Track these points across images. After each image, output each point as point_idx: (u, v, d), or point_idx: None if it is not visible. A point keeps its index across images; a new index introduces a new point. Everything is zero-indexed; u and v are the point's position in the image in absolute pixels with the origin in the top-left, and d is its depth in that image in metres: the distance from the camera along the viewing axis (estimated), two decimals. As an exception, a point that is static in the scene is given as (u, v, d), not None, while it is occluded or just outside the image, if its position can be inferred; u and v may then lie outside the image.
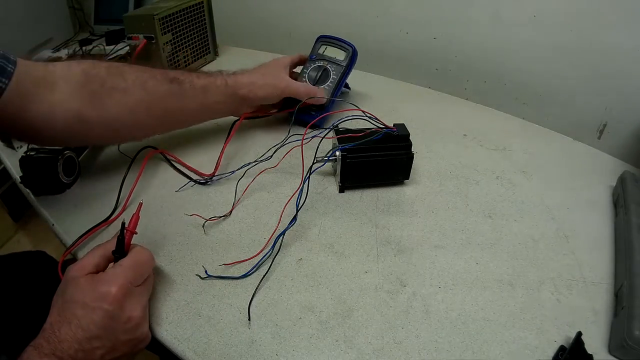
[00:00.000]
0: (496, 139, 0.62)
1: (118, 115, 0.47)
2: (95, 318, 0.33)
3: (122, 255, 0.38)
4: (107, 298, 0.34)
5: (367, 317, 0.38)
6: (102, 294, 0.34)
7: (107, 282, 0.35)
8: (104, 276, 0.36)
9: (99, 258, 0.38)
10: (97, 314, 0.33)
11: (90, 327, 0.33)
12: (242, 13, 1.06)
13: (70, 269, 0.37)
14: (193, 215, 0.47)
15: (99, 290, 0.34)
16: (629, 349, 0.33)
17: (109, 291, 0.34)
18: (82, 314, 0.33)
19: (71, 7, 1.17)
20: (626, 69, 0.63)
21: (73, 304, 0.34)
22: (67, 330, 0.32)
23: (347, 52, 0.64)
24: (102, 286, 0.34)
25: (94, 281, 0.35)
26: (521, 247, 0.45)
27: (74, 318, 0.33)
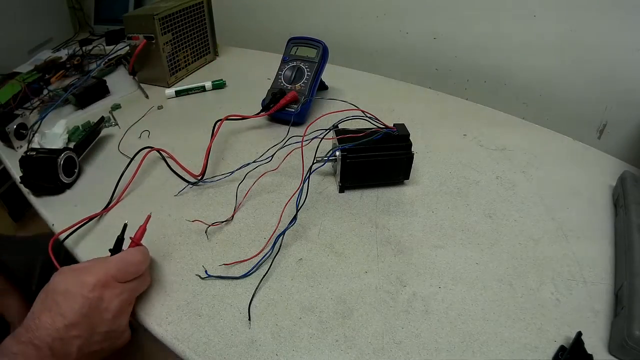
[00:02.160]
0: (496, 139, 0.62)
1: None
2: (74, 305, 0.34)
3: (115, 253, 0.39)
4: (86, 285, 0.35)
5: (367, 317, 0.38)
6: (82, 282, 0.35)
7: (88, 272, 0.36)
8: (86, 265, 0.37)
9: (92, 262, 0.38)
10: (77, 301, 0.34)
11: (69, 314, 0.33)
12: (242, 13, 1.06)
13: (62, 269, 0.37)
14: (195, 221, 0.47)
15: (80, 278, 0.35)
16: (629, 349, 0.33)
17: (89, 280, 0.35)
18: (62, 300, 0.34)
19: (71, 7, 1.17)
20: (626, 69, 0.63)
21: (55, 292, 0.34)
22: (46, 317, 0.33)
23: (318, 49, 0.67)
24: (83, 275, 0.35)
25: (77, 270, 0.36)
26: (521, 247, 0.45)
27: (54, 305, 0.34)
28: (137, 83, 0.82)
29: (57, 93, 0.77)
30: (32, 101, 0.76)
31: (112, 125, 0.69)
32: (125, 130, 0.66)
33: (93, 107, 0.75)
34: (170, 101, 0.77)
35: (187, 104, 0.76)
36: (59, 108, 0.73)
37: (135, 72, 0.83)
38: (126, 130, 0.66)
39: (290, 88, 0.66)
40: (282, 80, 0.67)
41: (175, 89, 0.77)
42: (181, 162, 0.56)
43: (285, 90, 0.65)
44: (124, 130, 0.66)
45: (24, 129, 0.64)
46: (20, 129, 0.64)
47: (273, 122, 0.67)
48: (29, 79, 0.83)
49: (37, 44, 1.04)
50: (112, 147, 0.63)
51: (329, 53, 0.67)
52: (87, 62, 0.91)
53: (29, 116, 0.69)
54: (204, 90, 0.79)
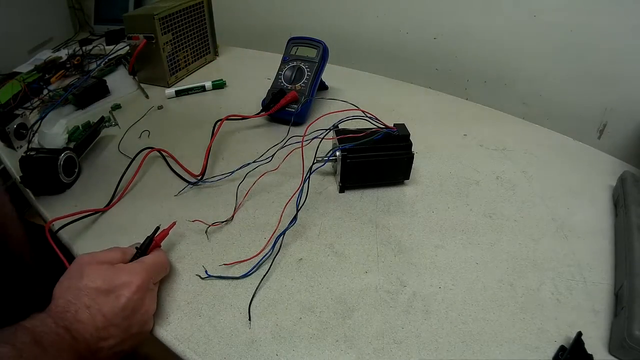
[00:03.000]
0: (496, 139, 0.62)
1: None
2: (116, 305, 0.33)
3: (143, 254, 0.39)
4: (131, 286, 0.34)
5: (367, 317, 0.38)
6: (125, 282, 0.34)
7: (131, 272, 0.35)
8: (127, 266, 0.36)
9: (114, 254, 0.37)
10: (120, 301, 0.33)
11: (110, 315, 0.33)
12: (242, 13, 1.06)
13: (83, 257, 0.36)
14: (195, 221, 0.47)
15: (123, 278, 0.35)
16: (629, 349, 0.33)
17: (133, 280, 0.35)
18: (104, 301, 0.33)
19: (71, 7, 1.17)
20: (626, 69, 0.63)
21: (92, 290, 0.33)
22: (84, 314, 0.32)
23: (318, 49, 0.67)
24: (126, 275, 0.35)
25: (117, 269, 0.35)
26: (521, 247, 0.45)
27: (94, 304, 0.33)
28: (137, 83, 0.82)
29: (57, 93, 0.77)
30: (32, 101, 0.75)
31: (112, 125, 0.68)
32: (125, 130, 0.66)
33: (93, 107, 0.75)
34: (170, 101, 0.77)
35: (187, 104, 0.76)
36: (59, 108, 0.73)
37: (135, 72, 0.83)
38: (126, 130, 0.66)
39: (290, 88, 0.66)
40: (282, 80, 0.67)
41: (175, 89, 0.77)
42: (181, 162, 0.56)
43: (285, 90, 0.65)
44: (124, 130, 0.66)
45: (24, 129, 0.64)
46: (20, 129, 0.63)
47: (273, 122, 0.67)
48: (29, 78, 0.83)
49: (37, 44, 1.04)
50: (112, 147, 0.63)
51: (329, 53, 0.67)
52: (87, 62, 0.91)
53: (29, 116, 0.69)
54: (204, 90, 0.79)
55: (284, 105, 0.64)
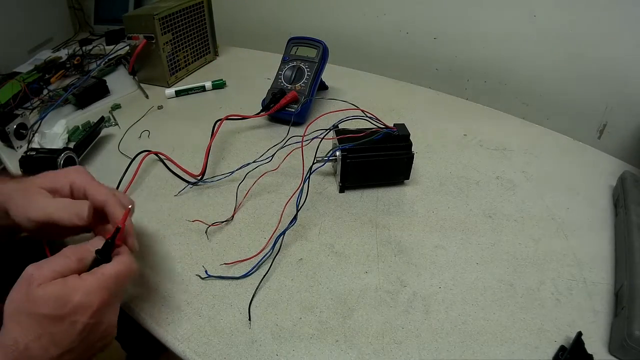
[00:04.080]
0: (496, 139, 0.62)
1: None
2: (72, 333, 0.29)
3: (106, 261, 0.33)
4: (86, 311, 0.29)
5: (367, 317, 0.38)
6: (80, 306, 0.29)
7: (87, 293, 0.30)
8: (81, 284, 0.30)
9: (67, 263, 0.31)
10: (75, 328, 0.29)
11: (65, 343, 0.29)
12: (242, 13, 1.06)
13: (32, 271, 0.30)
14: (195, 221, 0.47)
15: (77, 300, 0.29)
16: (629, 349, 0.33)
17: (90, 305, 0.29)
18: (56, 330, 0.29)
19: (71, 7, 1.17)
20: (626, 69, 0.63)
21: (43, 318, 0.29)
22: (36, 347, 0.28)
23: (318, 49, 0.67)
24: (81, 296, 0.29)
25: (69, 289, 0.29)
26: (521, 247, 0.45)
27: (45, 334, 0.28)
28: (137, 83, 0.82)
29: (57, 93, 0.77)
30: (32, 101, 0.75)
31: (112, 125, 0.68)
32: (125, 130, 0.66)
33: (93, 107, 0.75)
34: (170, 101, 0.77)
35: (187, 104, 0.76)
36: (59, 108, 0.73)
37: (135, 72, 0.83)
38: (126, 130, 0.66)
39: (290, 88, 0.66)
40: (282, 80, 0.67)
41: (175, 89, 0.77)
42: (181, 162, 0.56)
43: (285, 90, 0.65)
44: (124, 130, 0.66)
45: (24, 129, 0.64)
46: (20, 129, 0.64)
47: (273, 122, 0.67)
48: (29, 78, 0.83)
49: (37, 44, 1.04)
50: (112, 147, 0.63)
51: (329, 53, 0.67)
52: (87, 62, 0.91)
53: (29, 116, 0.69)
54: (204, 90, 0.79)
55: (284, 105, 0.64)
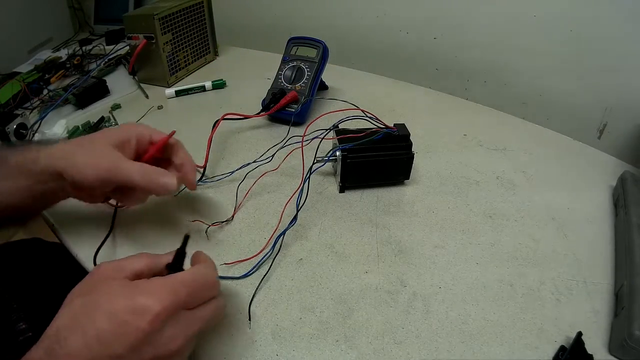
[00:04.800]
0: (496, 139, 0.62)
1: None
2: (122, 335, 0.25)
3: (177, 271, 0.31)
4: (145, 315, 0.26)
5: (368, 317, 0.38)
6: (140, 308, 0.26)
7: (150, 294, 0.27)
8: (147, 285, 0.27)
9: (144, 265, 0.30)
10: (127, 332, 0.25)
11: (113, 346, 0.25)
12: (242, 13, 1.06)
13: (103, 266, 0.30)
14: (195, 221, 0.47)
15: (138, 301, 0.26)
16: (629, 349, 0.33)
17: (151, 307, 0.26)
18: (107, 327, 0.25)
19: (71, 7, 1.17)
20: (626, 69, 0.63)
21: (96, 310, 0.26)
22: (77, 340, 0.25)
23: (318, 49, 0.67)
24: (143, 298, 0.26)
25: (133, 288, 0.27)
26: (521, 247, 0.45)
27: (92, 328, 0.25)
28: (137, 83, 0.82)
29: (57, 93, 0.77)
30: (32, 101, 0.75)
31: (112, 125, 0.68)
32: (125, 130, 0.66)
33: (93, 107, 0.75)
34: (170, 101, 0.77)
35: (187, 104, 0.76)
36: (58, 108, 0.73)
37: (135, 72, 0.83)
38: (126, 130, 0.66)
39: (290, 88, 0.66)
40: (282, 80, 0.67)
41: (175, 89, 0.77)
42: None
43: (285, 90, 0.65)
44: (124, 130, 0.66)
45: (23, 129, 0.64)
46: (20, 129, 0.64)
47: (273, 122, 0.67)
48: (29, 78, 0.83)
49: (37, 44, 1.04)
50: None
51: (329, 53, 0.67)
52: (87, 62, 0.91)
53: (29, 116, 0.69)
54: (204, 90, 0.79)
55: (284, 105, 0.64)
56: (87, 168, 0.37)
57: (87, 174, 0.37)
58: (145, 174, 0.37)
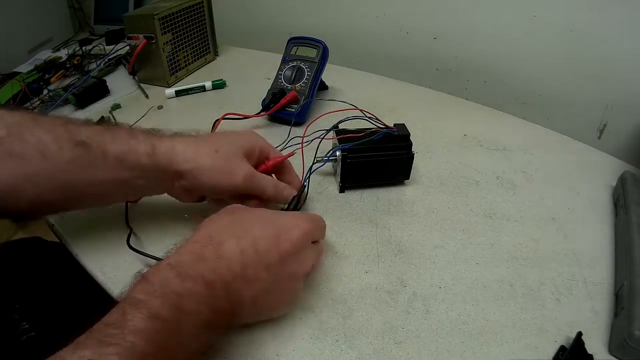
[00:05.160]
0: (496, 139, 0.62)
1: (15, 185, 0.36)
2: (275, 245, 0.29)
3: None
4: (296, 230, 0.30)
5: (368, 317, 0.38)
6: (292, 224, 0.31)
7: (297, 217, 0.32)
8: (289, 212, 0.33)
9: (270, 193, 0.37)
10: (280, 242, 0.29)
11: (266, 253, 0.28)
12: (242, 13, 1.06)
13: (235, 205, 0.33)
14: (195, 217, 0.47)
15: (289, 219, 0.31)
16: (629, 349, 0.33)
17: (300, 225, 0.31)
18: (263, 236, 0.28)
19: (71, 7, 1.17)
20: (626, 69, 0.63)
21: (253, 221, 0.29)
22: (232, 245, 0.27)
23: (318, 49, 0.67)
24: (292, 218, 0.31)
25: (279, 213, 0.32)
26: (521, 247, 0.45)
27: (249, 235, 0.28)
28: (137, 83, 0.82)
29: (57, 93, 0.77)
30: (32, 101, 0.75)
31: (112, 125, 0.68)
32: (125, 130, 0.66)
33: (93, 107, 0.75)
34: (170, 101, 0.77)
35: (187, 103, 0.76)
36: (59, 108, 0.73)
37: (135, 72, 0.83)
38: (126, 130, 0.66)
39: (290, 88, 0.66)
40: (282, 80, 0.67)
41: (175, 89, 0.77)
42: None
43: (285, 90, 0.65)
44: (124, 130, 0.66)
45: (24, 129, 0.64)
46: (20, 129, 0.63)
47: (273, 122, 0.67)
48: (29, 78, 0.83)
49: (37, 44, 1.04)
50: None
51: (329, 53, 0.67)
52: (87, 62, 0.91)
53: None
54: (204, 90, 0.79)
55: (284, 105, 0.64)
56: (221, 176, 0.37)
57: (222, 182, 0.37)
58: (277, 188, 0.41)
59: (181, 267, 0.25)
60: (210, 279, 0.25)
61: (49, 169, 0.36)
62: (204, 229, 0.29)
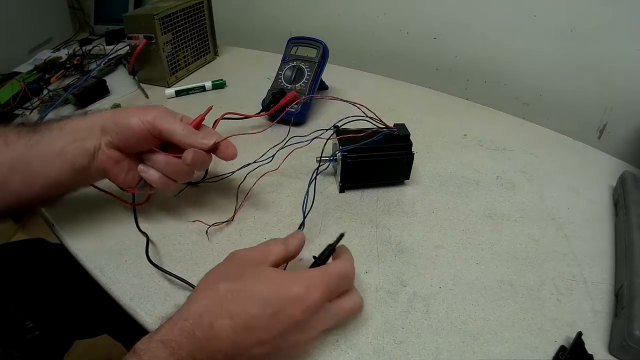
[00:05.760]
0: (496, 139, 0.62)
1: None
2: (273, 323, 0.26)
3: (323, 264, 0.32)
4: (300, 304, 0.27)
5: (368, 317, 0.38)
6: (296, 297, 0.27)
7: (307, 285, 0.27)
8: (302, 275, 0.28)
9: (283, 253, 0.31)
10: (279, 320, 0.26)
11: (262, 332, 0.26)
12: (242, 13, 1.06)
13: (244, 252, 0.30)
14: (195, 221, 0.47)
15: (294, 290, 0.27)
16: (629, 349, 0.33)
17: (307, 297, 0.27)
18: (259, 314, 0.26)
19: (71, 7, 1.17)
20: (626, 69, 0.63)
21: (248, 297, 0.26)
22: (224, 325, 0.25)
23: (318, 49, 0.67)
24: (300, 287, 0.27)
25: (289, 277, 0.28)
26: (521, 247, 0.45)
27: (242, 314, 0.25)
28: (137, 83, 0.82)
29: (57, 93, 0.77)
30: (32, 101, 0.75)
31: (112, 125, 0.68)
32: (125, 130, 0.66)
33: (93, 107, 0.75)
34: (170, 101, 0.77)
35: (187, 103, 0.76)
36: (59, 108, 0.73)
37: (135, 72, 0.83)
38: (126, 130, 0.66)
39: (290, 88, 0.66)
40: (282, 80, 0.67)
41: (175, 89, 0.77)
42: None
43: (285, 90, 0.65)
44: (124, 130, 0.66)
45: (24, 129, 0.64)
46: (20, 129, 0.63)
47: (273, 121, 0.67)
48: (29, 78, 0.83)
49: (37, 44, 1.04)
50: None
51: (329, 53, 0.67)
52: (87, 62, 0.91)
53: (29, 116, 0.69)
54: (204, 90, 0.79)
55: (284, 105, 0.64)
56: (134, 116, 0.39)
57: (132, 120, 0.39)
58: (187, 129, 0.40)
59: (172, 347, 0.25)
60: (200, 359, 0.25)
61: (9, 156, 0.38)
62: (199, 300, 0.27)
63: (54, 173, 0.39)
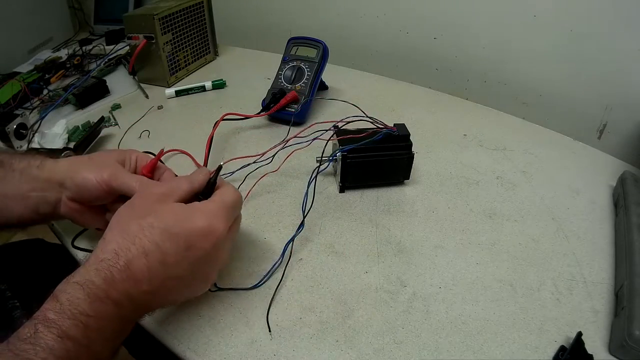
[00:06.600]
0: (496, 139, 0.62)
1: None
2: (186, 257, 0.27)
3: (207, 197, 0.33)
4: (210, 236, 0.28)
5: (368, 317, 0.38)
6: (206, 229, 0.28)
7: (213, 216, 0.29)
8: (206, 208, 0.30)
9: (188, 189, 0.32)
10: (192, 253, 0.28)
11: (176, 267, 0.27)
12: (242, 13, 1.06)
13: (152, 189, 0.31)
14: None
15: (199, 223, 0.28)
16: (629, 349, 0.33)
17: (217, 227, 0.29)
18: (173, 250, 0.27)
19: (71, 7, 1.17)
20: (626, 69, 0.63)
21: (159, 230, 0.27)
22: (139, 264, 0.26)
23: (318, 49, 0.67)
24: (204, 219, 0.28)
25: (193, 210, 0.29)
26: (521, 247, 0.45)
27: (156, 251, 0.26)
28: (137, 83, 0.82)
29: (57, 93, 0.77)
30: (32, 101, 0.75)
31: (112, 125, 0.68)
32: (125, 130, 0.66)
33: (93, 107, 0.75)
34: (170, 101, 0.77)
35: (187, 103, 0.76)
36: (59, 108, 0.73)
37: (135, 72, 0.83)
38: (126, 130, 0.66)
39: (290, 88, 0.66)
40: (282, 80, 0.67)
41: (175, 89, 0.77)
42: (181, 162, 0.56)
43: (285, 90, 0.65)
44: (124, 130, 0.66)
45: (24, 129, 0.64)
46: (20, 129, 0.63)
47: (273, 122, 0.67)
48: (29, 78, 0.83)
49: (37, 44, 1.04)
50: (112, 147, 0.63)
51: (329, 53, 0.67)
52: (87, 62, 0.91)
53: (29, 116, 0.69)
54: (204, 90, 0.79)
55: (284, 105, 0.64)
56: (90, 173, 0.38)
57: (89, 179, 0.37)
58: (143, 183, 0.38)
59: (89, 288, 0.25)
60: (118, 299, 0.26)
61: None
62: (113, 239, 0.28)
63: (16, 214, 0.39)
